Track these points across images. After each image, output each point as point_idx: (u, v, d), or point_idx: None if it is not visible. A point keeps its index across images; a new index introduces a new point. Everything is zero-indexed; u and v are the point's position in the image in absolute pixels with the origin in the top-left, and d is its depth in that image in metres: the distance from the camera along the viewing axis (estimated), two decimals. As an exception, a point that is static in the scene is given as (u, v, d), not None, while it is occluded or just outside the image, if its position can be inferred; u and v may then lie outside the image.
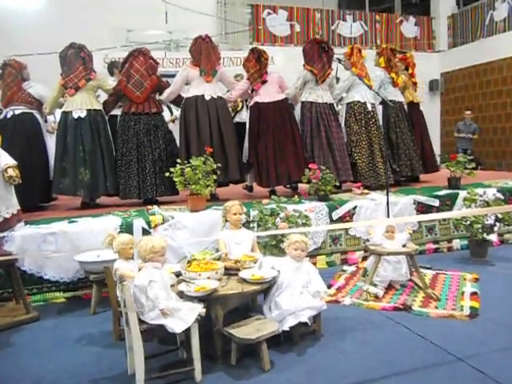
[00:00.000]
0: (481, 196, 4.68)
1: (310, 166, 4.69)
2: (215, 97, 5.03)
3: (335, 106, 5.58)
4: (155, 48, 9.82)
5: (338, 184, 4.95)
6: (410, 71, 6.42)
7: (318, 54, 5.29)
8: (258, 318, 2.69)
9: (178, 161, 4.33)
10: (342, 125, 5.54)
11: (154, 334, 2.50)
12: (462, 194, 4.98)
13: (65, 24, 9.45)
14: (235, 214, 3.26)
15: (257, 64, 5.15)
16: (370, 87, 5.22)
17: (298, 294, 2.78)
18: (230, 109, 5.83)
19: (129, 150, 4.82)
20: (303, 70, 5.34)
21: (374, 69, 5.89)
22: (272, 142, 5.00)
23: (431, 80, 13.58)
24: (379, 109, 5.82)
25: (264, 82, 5.15)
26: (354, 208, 4.62)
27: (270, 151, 4.99)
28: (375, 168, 5.40)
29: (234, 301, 2.69)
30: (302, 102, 5.33)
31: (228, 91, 5.65)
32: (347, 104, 5.59)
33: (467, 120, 10.83)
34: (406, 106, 6.13)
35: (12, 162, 3.50)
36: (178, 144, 5.05)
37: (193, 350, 2.37)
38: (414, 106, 6.36)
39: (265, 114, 5.08)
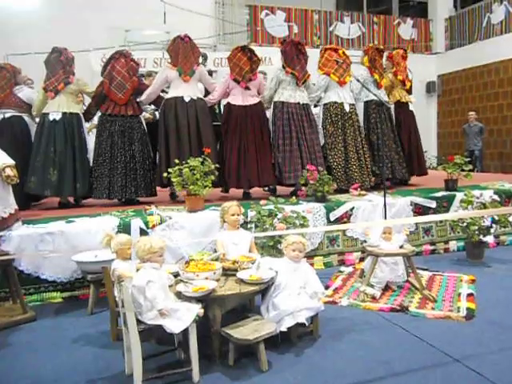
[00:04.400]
0: (477, 198, 4.70)
1: (308, 167, 4.72)
2: (195, 98, 5.04)
3: (311, 106, 5.47)
4: (153, 48, 9.86)
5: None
6: (394, 69, 6.12)
7: (297, 56, 5.28)
8: (256, 319, 2.70)
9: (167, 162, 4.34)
10: (320, 126, 5.46)
11: (152, 335, 2.50)
12: (459, 195, 5.00)
13: (63, 24, 9.46)
14: (233, 215, 3.26)
15: (248, 62, 5.12)
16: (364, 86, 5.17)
17: (296, 294, 2.79)
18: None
19: (103, 151, 4.93)
20: (276, 70, 5.35)
21: (358, 67, 5.80)
22: (237, 146, 5.03)
23: (428, 82, 13.63)
24: (360, 108, 5.71)
25: (250, 80, 5.12)
26: (352, 209, 4.63)
27: (234, 154, 5.02)
28: (348, 171, 5.31)
29: (232, 301, 2.69)
30: (275, 102, 5.27)
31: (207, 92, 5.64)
32: (324, 105, 5.50)
33: (471, 121, 10.92)
34: (392, 106, 6.02)
35: (10, 161, 3.50)
36: (159, 145, 5.05)
37: (191, 351, 2.37)
38: (401, 105, 6.14)
39: (234, 116, 5.09)
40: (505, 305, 3.29)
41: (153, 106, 5.74)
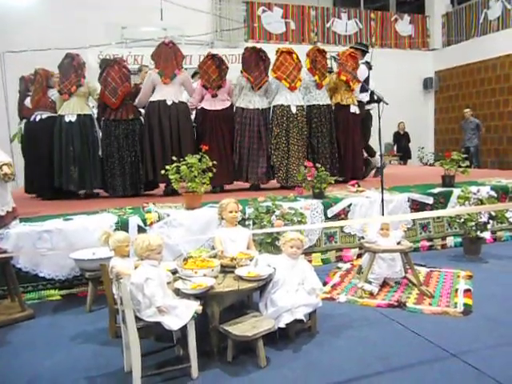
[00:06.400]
0: (474, 194, 4.71)
1: (306, 163, 4.73)
2: (177, 101, 5.29)
3: (269, 110, 5.66)
4: (150, 45, 9.75)
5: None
6: (337, 70, 5.95)
7: (256, 63, 5.52)
8: (254, 315, 2.71)
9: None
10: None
11: (151, 332, 2.51)
12: (456, 191, 5.01)
13: (60, 20, 9.45)
14: (231, 212, 3.26)
15: (217, 70, 5.38)
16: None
17: (294, 291, 2.79)
18: None
19: (111, 152, 5.35)
20: (238, 77, 5.63)
21: (302, 71, 5.83)
22: (211, 147, 5.08)
23: (425, 78, 13.66)
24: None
25: (220, 87, 5.40)
26: (349, 206, 4.64)
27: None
28: (289, 170, 5.52)
29: (231, 298, 2.70)
30: (236, 108, 5.60)
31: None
32: (272, 107, 5.66)
33: (466, 118, 11.08)
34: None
35: (7, 159, 3.49)
36: (143, 146, 5.34)
37: (189, 347, 2.38)
38: (341, 107, 6.02)
39: (206, 119, 5.44)
40: (501, 300, 3.31)
41: None
